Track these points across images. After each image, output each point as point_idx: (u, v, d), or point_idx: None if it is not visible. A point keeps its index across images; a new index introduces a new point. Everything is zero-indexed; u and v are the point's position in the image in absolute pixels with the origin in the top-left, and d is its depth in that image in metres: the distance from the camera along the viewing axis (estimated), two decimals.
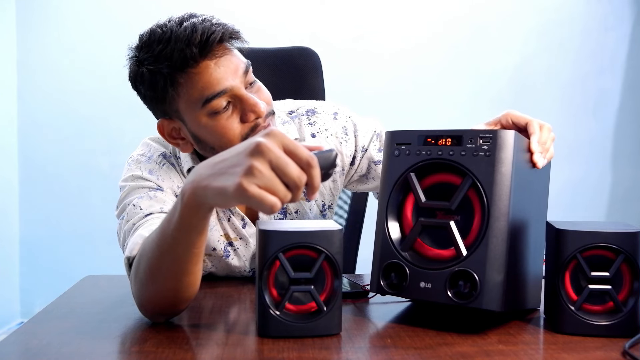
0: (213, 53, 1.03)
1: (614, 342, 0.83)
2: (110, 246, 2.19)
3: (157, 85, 1.04)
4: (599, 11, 3.31)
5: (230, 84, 1.04)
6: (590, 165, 3.34)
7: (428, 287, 0.88)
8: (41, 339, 0.85)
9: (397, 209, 0.94)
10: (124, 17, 3.05)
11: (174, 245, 0.84)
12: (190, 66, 1.02)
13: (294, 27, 3.12)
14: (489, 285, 0.84)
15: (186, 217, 0.80)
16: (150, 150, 1.19)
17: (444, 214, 0.90)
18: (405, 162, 0.93)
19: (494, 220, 0.85)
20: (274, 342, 0.83)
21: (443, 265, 0.88)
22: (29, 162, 3.10)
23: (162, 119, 1.11)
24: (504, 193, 0.85)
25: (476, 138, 0.87)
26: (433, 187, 0.92)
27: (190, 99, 1.04)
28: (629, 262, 0.85)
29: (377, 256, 0.94)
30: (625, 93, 3.35)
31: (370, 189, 1.38)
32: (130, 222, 1.06)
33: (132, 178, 1.14)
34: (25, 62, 3.08)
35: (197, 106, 1.05)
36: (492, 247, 0.85)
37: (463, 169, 0.88)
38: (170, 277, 0.87)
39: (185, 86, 1.04)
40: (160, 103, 1.08)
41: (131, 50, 1.08)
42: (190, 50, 1.01)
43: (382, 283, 0.92)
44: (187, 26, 1.02)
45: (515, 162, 0.87)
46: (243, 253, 1.23)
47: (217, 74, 1.03)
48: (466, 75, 3.24)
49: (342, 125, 1.29)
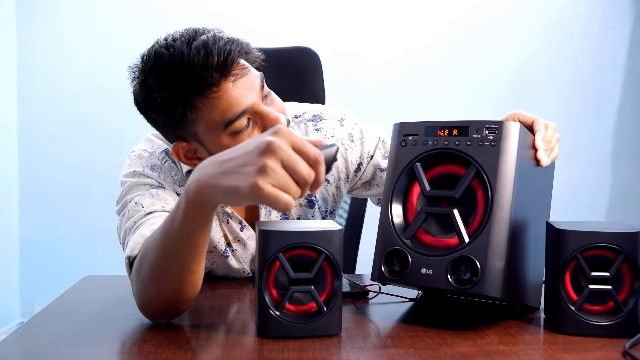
0: (230, 73, 0.99)
1: (614, 342, 0.83)
2: (110, 246, 2.19)
3: (173, 111, 1.00)
4: (599, 11, 3.31)
5: (250, 102, 1.01)
6: (590, 166, 3.34)
7: (429, 273, 0.88)
8: (41, 339, 0.85)
9: (402, 197, 0.95)
10: (124, 17, 3.05)
11: (178, 245, 0.84)
12: (209, 89, 0.98)
13: (294, 27, 3.12)
14: (490, 271, 0.85)
15: (190, 216, 0.80)
16: (153, 146, 1.18)
17: (448, 203, 0.91)
18: (412, 152, 0.94)
19: (497, 207, 0.86)
20: (274, 342, 0.82)
21: (445, 252, 0.88)
22: (29, 162, 3.10)
23: (178, 142, 1.06)
24: (508, 182, 0.86)
25: (482, 128, 0.89)
26: (438, 177, 0.93)
27: (210, 122, 1.01)
28: (629, 262, 0.85)
29: (380, 243, 0.94)
30: (625, 93, 3.35)
31: (373, 195, 1.38)
32: (132, 220, 1.06)
33: (134, 174, 1.13)
34: (25, 62, 3.08)
35: (219, 129, 1.01)
36: (494, 234, 0.85)
37: (468, 159, 0.89)
38: (174, 277, 0.86)
39: (205, 110, 1.00)
40: (175, 128, 1.04)
41: (132, 72, 1.03)
42: (210, 75, 0.97)
43: (384, 269, 0.92)
44: (198, 47, 0.97)
45: (520, 154, 0.88)
46: (241, 255, 1.22)
47: (237, 94, 1.00)
48: (466, 75, 3.24)
49: (349, 131, 1.28)
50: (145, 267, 0.89)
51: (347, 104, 1.35)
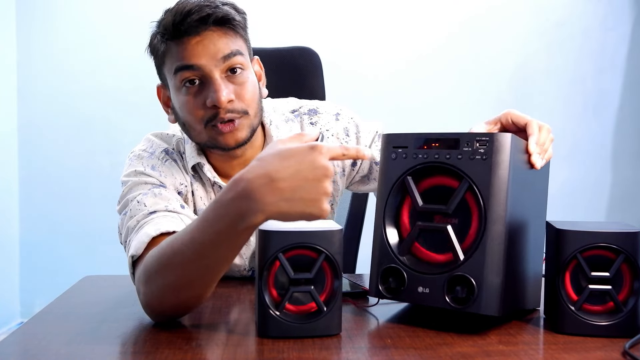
0: (198, 30, 1.07)
1: (614, 342, 0.83)
2: (110, 246, 2.18)
3: (156, 49, 1.12)
4: (599, 11, 3.31)
5: (203, 63, 1.07)
6: (590, 165, 3.34)
7: (426, 291, 0.88)
8: (41, 339, 0.85)
9: (394, 212, 0.94)
10: (124, 17, 3.05)
11: (216, 257, 0.84)
12: (176, 36, 1.08)
13: (294, 27, 3.12)
14: (487, 289, 0.84)
15: (244, 235, 0.81)
16: (153, 146, 1.19)
17: (442, 217, 0.90)
18: (402, 166, 0.92)
19: (491, 224, 0.85)
20: (274, 342, 0.82)
21: (441, 269, 0.88)
22: (29, 162, 3.09)
23: (161, 84, 1.17)
24: (501, 197, 0.85)
25: (473, 141, 0.87)
26: (430, 190, 0.91)
27: (170, 67, 1.10)
28: (629, 262, 0.85)
29: (375, 260, 0.94)
30: (625, 93, 3.35)
31: (372, 190, 1.38)
32: (134, 219, 1.05)
33: (135, 173, 1.13)
34: (25, 62, 3.07)
35: (171, 75, 1.10)
36: (490, 251, 0.84)
37: (460, 173, 0.87)
38: (198, 279, 0.86)
39: (169, 54, 1.09)
40: (160, 69, 1.15)
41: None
42: (180, 21, 1.06)
43: (381, 287, 0.92)
44: (194, 2, 1.08)
45: (513, 165, 0.86)
46: (244, 251, 1.23)
47: (195, 50, 1.07)
48: (466, 75, 3.24)
49: (344, 126, 1.29)
50: (170, 275, 0.87)
51: (347, 104, 1.35)
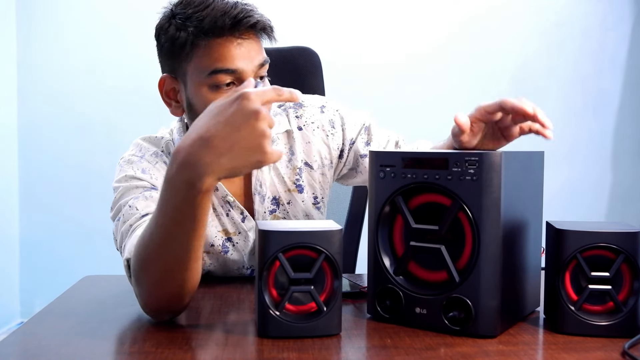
0: (241, 33, 1.06)
1: (614, 342, 0.83)
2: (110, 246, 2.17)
3: (177, 40, 1.07)
4: (599, 11, 3.31)
5: (242, 67, 1.07)
6: (590, 165, 3.34)
7: (423, 312, 0.88)
8: (41, 339, 0.85)
9: (387, 232, 0.92)
10: (124, 17, 3.05)
11: (176, 232, 0.84)
12: (215, 35, 1.05)
13: (294, 27, 3.11)
14: (484, 312, 0.84)
15: (201, 203, 0.81)
16: (142, 150, 1.19)
17: (435, 236, 0.88)
18: (392, 185, 0.90)
19: (485, 247, 0.83)
20: (273, 342, 0.82)
21: (437, 290, 0.87)
22: (29, 162, 3.09)
23: (167, 74, 1.14)
24: (494, 218, 0.83)
25: (462, 161, 0.84)
26: (422, 207, 0.90)
27: (200, 64, 1.07)
28: (629, 262, 0.85)
29: (371, 281, 0.93)
30: (625, 93, 3.35)
31: (361, 183, 1.38)
32: (127, 224, 1.06)
33: (126, 178, 1.13)
34: (25, 62, 3.07)
35: (204, 74, 1.07)
36: (485, 273, 0.83)
37: (450, 194, 0.86)
38: (176, 263, 0.86)
39: (202, 51, 1.06)
40: (172, 59, 1.10)
41: (170, 3, 1.12)
42: (223, 20, 1.04)
43: (378, 308, 0.92)
44: (230, 1, 1.07)
45: (505, 182, 0.83)
46: (242, 247, 1.23)
47: (236, 52, 1.06)
48: (466, 75, 3.23)
49: (329, 118, 1.30)
50: (141, 263, 0.88)
51: (347, 104, 1.35)
